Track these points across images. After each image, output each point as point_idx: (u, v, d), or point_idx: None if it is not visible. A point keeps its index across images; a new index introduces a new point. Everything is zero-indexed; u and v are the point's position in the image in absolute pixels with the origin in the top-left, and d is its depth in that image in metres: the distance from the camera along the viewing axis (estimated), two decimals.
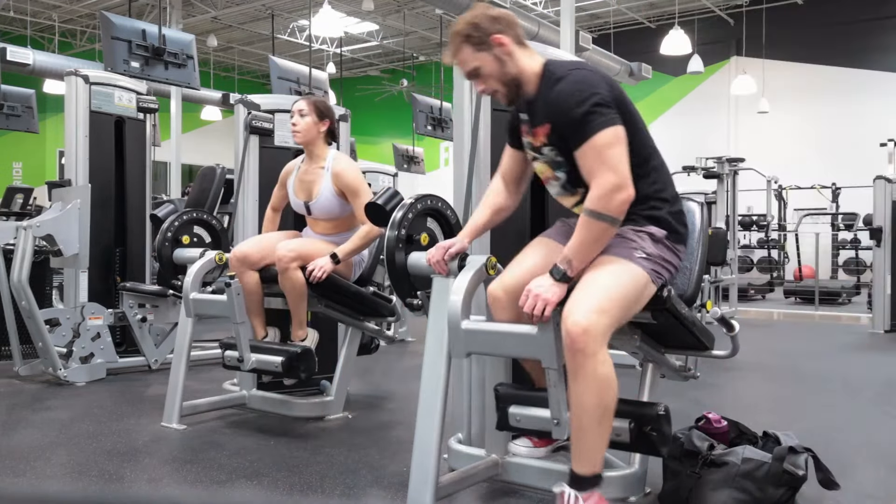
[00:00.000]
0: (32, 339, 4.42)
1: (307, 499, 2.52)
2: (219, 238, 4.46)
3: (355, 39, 16.05)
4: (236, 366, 3.28)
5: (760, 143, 13.38)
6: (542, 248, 2.34)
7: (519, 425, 2.27)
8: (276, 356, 3.18)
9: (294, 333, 3.39)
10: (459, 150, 2.82)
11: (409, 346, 5.97)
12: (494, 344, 2.25)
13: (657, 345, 2.53)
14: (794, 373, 5.10)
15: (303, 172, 3.48)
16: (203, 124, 16.82)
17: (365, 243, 3.36)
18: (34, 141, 13.40)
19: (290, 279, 3.24)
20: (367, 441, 3.18)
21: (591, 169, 2.08)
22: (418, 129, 9.36)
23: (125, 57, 5.01)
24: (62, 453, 3.00)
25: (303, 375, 3.18)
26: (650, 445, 2.10)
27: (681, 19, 12.66)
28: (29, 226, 4.29)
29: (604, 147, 2.06)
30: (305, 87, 5.74)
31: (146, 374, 4.70)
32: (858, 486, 2.61)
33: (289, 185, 3.53)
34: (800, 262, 11.15)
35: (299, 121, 3.40)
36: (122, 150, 5.02)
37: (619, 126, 2.08)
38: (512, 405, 2.27)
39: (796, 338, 7.15)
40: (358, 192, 3.35)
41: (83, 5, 13.67)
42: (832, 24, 13.17)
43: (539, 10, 12.84)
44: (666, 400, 2.14)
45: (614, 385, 2.00)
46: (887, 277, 7.02)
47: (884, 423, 3.65)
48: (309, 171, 3.45)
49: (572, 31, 8.64)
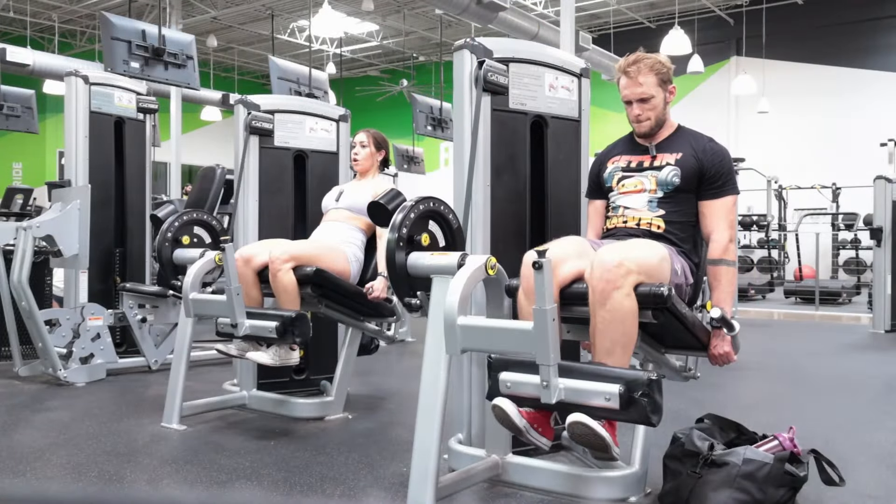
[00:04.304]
0: (32, 340, 4.42)
1: (307, 499, 2.51)
2: (219, 238, 4.46)
3: (355, 40, 16.04)
4: (230, 332, 3.24)
5: (760, 143, 13.38)
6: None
7: (509, 391, 2.23)
8: (271, 321, 3.14)
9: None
10: (459, 150, 2.82)
11: (409, 346, 5.97)
12: (490, 340, 2.26)
13: (657, 345, 2.54)
14: (794, 373, 5.10)
15: (350, 186, 3.83)
16: (203, 125, 16.81)
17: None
18: (34, 141, 13.40)
19: (282, 281, 3.24)
20: (367, 441, 3.18)
21: (716, 221, 2.57)
22: (418, 130, 9.36)
23: (125, 57, 5.01)
24: (62, 454, 2.99)
25: (297, 340, 3.15)
26: (641, 412, 2.04)
27: (681, 19, 12.65)
28: (29, 226, 4.29)
29: (732, 207, 2.60)
30: (305, 88, 5.74)
31: (146, 374, 4.70)
32: (858, 486, 2.60)
33: (331, 190, 3.83)
34: (800, 262, 11.15)
35: (360, 151, 3.78)
36: (121, 151, 5.02)
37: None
38: (503, 371, 2.25)
39: (796, 338, 7.15)
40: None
41: (83, 5, 13.67)
42: (832, 24, 13.16)
43: (539, 10, 12.83)
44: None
45: (636, 319, 2.20)
46: (887, 277, 7.02)
47: (884, 423, 3.65)
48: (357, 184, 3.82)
49: (572, 31, 8.63)
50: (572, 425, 2.10)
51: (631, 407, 2.05)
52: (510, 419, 2.24)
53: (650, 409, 2.04)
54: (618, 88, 2.68)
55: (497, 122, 2.83)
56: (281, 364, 3.26)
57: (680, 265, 2.50)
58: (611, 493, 2.42)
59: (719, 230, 2.55)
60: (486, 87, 2.77)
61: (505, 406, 2.24)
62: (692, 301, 2.60)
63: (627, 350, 2.21)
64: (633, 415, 2.06)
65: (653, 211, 2.60)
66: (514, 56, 2.87)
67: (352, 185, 3.83)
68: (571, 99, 3.04)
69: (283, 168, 3.92)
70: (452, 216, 2.70)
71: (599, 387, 2.07)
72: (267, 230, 3.81)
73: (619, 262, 2.20)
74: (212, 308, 3.34)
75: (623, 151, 2.74)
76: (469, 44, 2.79)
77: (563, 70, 3.01)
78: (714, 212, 2.57)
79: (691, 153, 2.60)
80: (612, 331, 2.19)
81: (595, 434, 2.09)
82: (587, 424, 2.08)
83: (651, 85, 2.61)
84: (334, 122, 4.10)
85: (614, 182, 2.69)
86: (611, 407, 2.06)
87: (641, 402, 2.04)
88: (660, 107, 2.64)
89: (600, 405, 2.06)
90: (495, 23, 9.63)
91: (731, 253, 2.55)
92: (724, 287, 2.52)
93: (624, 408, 2.05)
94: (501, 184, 2.85)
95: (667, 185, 2.59)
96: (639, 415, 2.05)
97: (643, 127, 2.65)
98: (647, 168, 2.64)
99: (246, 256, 3.35)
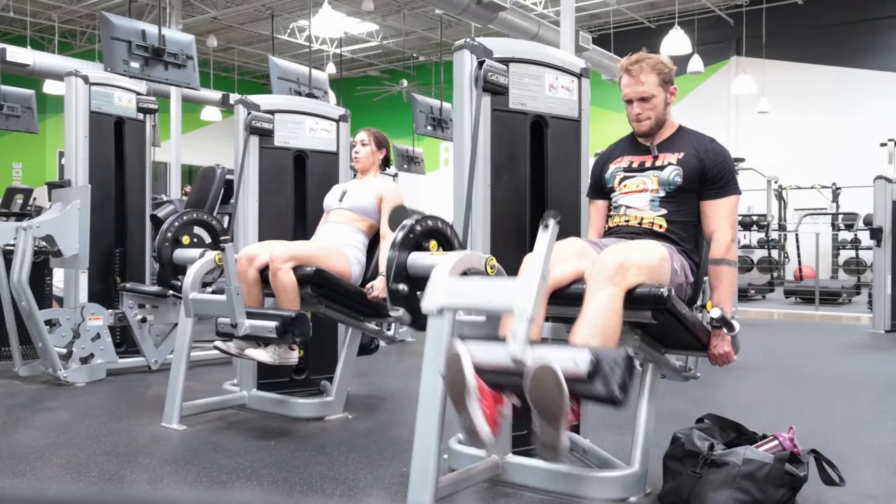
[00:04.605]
0: (32, 340, 4.42)
1: (307, 499, 2.51)
2: (219, 238, 4.46)
3: (355, 40, 16.04)
4: (230, 332, 3.24)
5: (760, 143, 13.38)
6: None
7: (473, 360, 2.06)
8: (271, 321, 3.15)
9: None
10: (459, 150, 2.82)
11: (409, 346, 5.97)
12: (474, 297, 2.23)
13: (657, 345, 2.54)
14: (794, 373, 5.10)
15: (353, 185, 3.82)
16: (203, 124, 16.81)
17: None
18: (34, 141, 13.40)
19: (282, 280, 3.24)
20: (367, 441, 3.18)
21: (718, 221, 2.58)
22: (418, 130, 9.36)
23: (125, 57, 5.01)
24: (62, 454, 2.99)
25: (298, 339, 3.16)
26: (605, 383, 1.92)
27: (681, 19, 12.65)
28: (29, 226, 4.29)
29: (735, 207, 2.62)
30: (305, 88, 5.74)
31: (146, 374, 4.70)
32: (858, 486, 2.60)
33: (333, 188, 3.83)
34: (800, 262, 11.15)
35: (361, 150, 3.80)
36: (122, 151, 5.01)
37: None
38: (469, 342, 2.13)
39: (796, 338, 7.15)
40: (390, 203, 3.59)
41: (83, 5, 13.67)
42: (832, 24, 13.16)
43: (539, 10, 12.83)
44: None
45: (620, 320, 2.20)
46: (887, 277, 7.02)
47: (884, 423, 3.65)
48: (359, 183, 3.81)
49: (572, 31, 8.64)
50: (537, 371, 1.93)
51: (597, 377, 1.93)
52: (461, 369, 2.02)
53: (618, 383, 1.91)
54: (619, 87, 2.68)
55: (497, 122, 2.83)
56: (280, 363, 3.26)
57: (680, 264, 2.50)
58: (611, 493, 2.42)
59: (722, 230, 2.57)
60: (486, 87, 2.77)
61: (461, 352, 2.04)
62: (692, 301, 2.61)
63: (605, 345, 2.12)
64: (599, 387, 1.93)
65: (655, 210, 2.61)
66: (514, 56, 2.87)
67: (354, 185, 3.83)
68: (571, 99, 3.04)
69: (283, 168, 3.92)
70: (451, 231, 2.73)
71: (570, 352, 1.98)
72: (267, 230, 3.81)
73: (620, 262, 2.22)
74: (212, 308, 3.34)
75: (625, 152, 2.74)
76: (469, 44, 2.79)
77: (563, 70, 3.01)
78: (716, 212, 2.59)
79: (693, 153, 2.61)
80: (595, 321, 2.17)
81: (557, 386, 1.91)
82: (553, 370, 1.91)
83: (652, 84, 2.62)
84: (334, 122, 4.10)
85: (616, 182, 2.70)
86: (577, 374, 1.93)
87: (609, 372, 1.92)
88: (660, 107, 2.65)
89: (567, 368, 1.93)
90: (495, 23, 9.64)
91: (732, 253, 2.58)
92: (725, 287, 2.53)
93: (591, 377, 1.93)
94: (501, 184, 2.85)
95: (669, 185, 2.60)
96: (605, 387, 1.92)
97: (643, 126, 2.65)
98: (648, 168, 2.66)
99: (249, 255, 3.36)
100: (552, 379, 1.91)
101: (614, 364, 1.93)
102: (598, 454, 2.61)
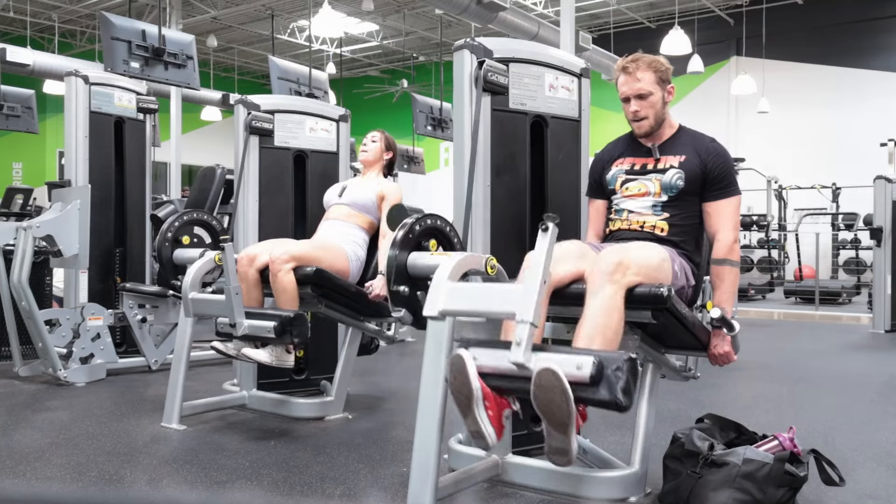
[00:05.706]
0: (32, 340, 4.42)
1: (307, 499, 2.51)
2: (219, 238, 4.46)
3: (355, 40, 16.04)
4: (229, 332, 3.25)
5: (760, 143, 13.38)
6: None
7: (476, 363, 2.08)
8: (269, 321, 3.15)
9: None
10: (459, 150, 2.82)
11: (409, 346, 5.97)
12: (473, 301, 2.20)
13: (657, 345, 2.54)
14: (795, 373, 5.10)
15: (354, 182, 3.87)
16: (203, 124, 16.81)
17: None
18: (34, 141, 13.40)
19: (282, 281, 3.25)
20: (367, 441, 3.18)
21: (722, 221, 2.58)
22: (418, 130, 9.36)
23: (125, 57, 5.01)
24: (62, 454, 2.99)
25: (296, 340, 3.16)
26: (611, 389, 1.92)
27: (681, 19, 12.65)
28: (29, 226, 4.29)
29: (737, 208, 2.62)
30: (305, 88, 5.73)
31: (146, 374, 4.70)
32: (859, 486, 2.60)
33: (334, 185, 3.87)
34: (800, 261, 11.14)
35: (370, 145, 3.87)
36: (121, 151, 5.01)
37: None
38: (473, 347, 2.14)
39: (796, 338, 7.15)
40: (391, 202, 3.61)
41: (83, 5, 13.67)
42: (832, 24, 13.16)
43: (539, 10, 12.83)
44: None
45: (622, 318, 2.19)
46: (887, 277, 7.02)
47: (884, 423, 3.65)
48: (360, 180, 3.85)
49: (572, 31, 8.64)
50: (540, 374, 1.91)
51: (601, 382, 1.92)
52: (466, 375, 2.01)
53: (622, 388, 1.90)
54: (616, 88, 2.68)
55: (497, 122, 2.83)
56: (277, 365, 3.26)
57: (680, 266, 2.50)
58: (611, 493, 2.42)
59: (725, 230, 2.57)
60: (486, 87, 2.77)
61: (465, 358, 2.03)
62: (692, 301, 2.61)
63: (608, 345, 2.14)
64: (603, 392, 1.92)
65: (657, 214, 2.61)
66: (514, 56, 2.87)
67: (355, 182, 3.85)
68: (571, 99, 3.04)
69: (283, 168, 3.93)
70: (451, 230, 2.73)
71: (573, 357, 1.98)
72: (267, 230, 3.81)
73: (620, 260, 2.22)
74: (211, 308, 3.34)
75: (626, 153, 2.73)
76: (469, 44, 2.79)
77: (563, 70, 3.01)
78: (719, 212, 2.59)
79: (694, 155, 2.61)
80: (597, 320, 2.17)
81: (563, 392, 1.90)
82: (557, 374, 1.89)
83: (649, 81, 2.62)
84: (334, 122, 4.11)
85: (618, 185, 2.69)
86: (580, 378, 1.93)
87: (613, 377, 1.92)
88: (658, 105, 2.64)
89: (570, 373, 1.93)
90: (495, 23, 9.64)
91: (735, 253, 2.58)
92: (727, 287, 2.54)
93: (594, 381, 1.92)
94: (501, 184, 2.85)
95: (671, 189, 2.60)
96: (609, 392, 1.92)
97: (642, 127, 2.65)
98: (650, 171, 2.65)
99: (250, 256, 3.36)
100: (557, 385, 1.91)
101: (618, 369, 1.94)
102: (598, 454, 2.61)
